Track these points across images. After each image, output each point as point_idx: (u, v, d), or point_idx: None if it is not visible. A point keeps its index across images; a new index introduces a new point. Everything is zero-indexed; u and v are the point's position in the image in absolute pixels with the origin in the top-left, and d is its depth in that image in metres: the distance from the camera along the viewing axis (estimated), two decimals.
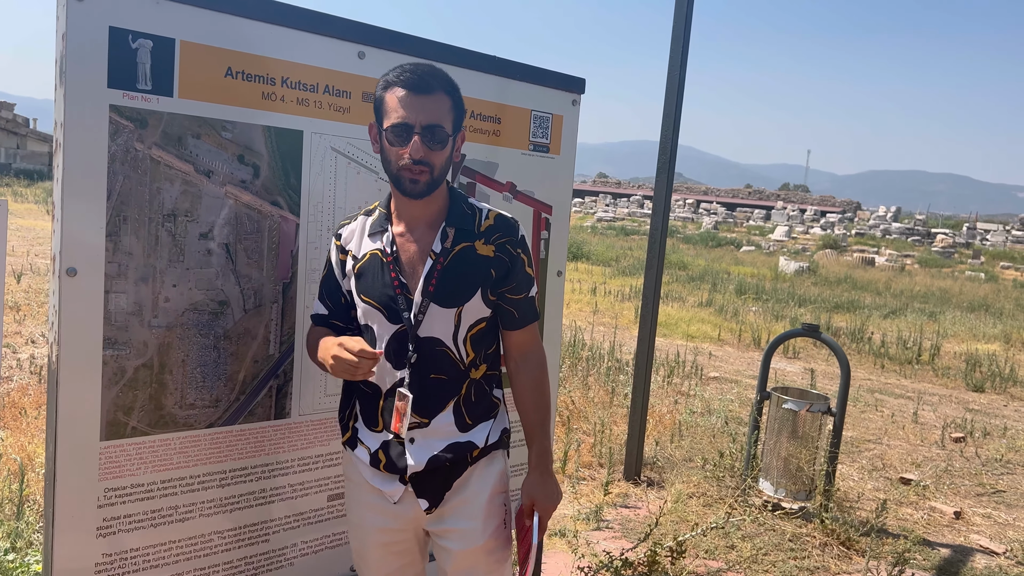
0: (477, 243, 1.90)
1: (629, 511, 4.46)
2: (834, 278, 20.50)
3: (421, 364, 1.89)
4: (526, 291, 1.96)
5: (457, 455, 1.92)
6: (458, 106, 1.85)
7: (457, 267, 1.87)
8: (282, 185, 2.23)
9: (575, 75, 2.92)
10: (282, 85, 2.20)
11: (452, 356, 1.90)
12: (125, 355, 2.01)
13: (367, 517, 1.98)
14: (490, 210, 1.97)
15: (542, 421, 1.97)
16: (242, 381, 2.22)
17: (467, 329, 1.90)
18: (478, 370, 1.95)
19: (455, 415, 1.92)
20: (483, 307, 1.91)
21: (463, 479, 1.94)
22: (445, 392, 1.91)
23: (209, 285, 2.13)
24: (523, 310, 1.97)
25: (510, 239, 1.93)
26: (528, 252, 1.96)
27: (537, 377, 1.99)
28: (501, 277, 1.91)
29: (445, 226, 1.89)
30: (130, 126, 1.95)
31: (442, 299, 1.87)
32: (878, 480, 5.50)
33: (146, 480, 2.08)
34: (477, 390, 1.95)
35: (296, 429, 2.35)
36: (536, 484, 1.96)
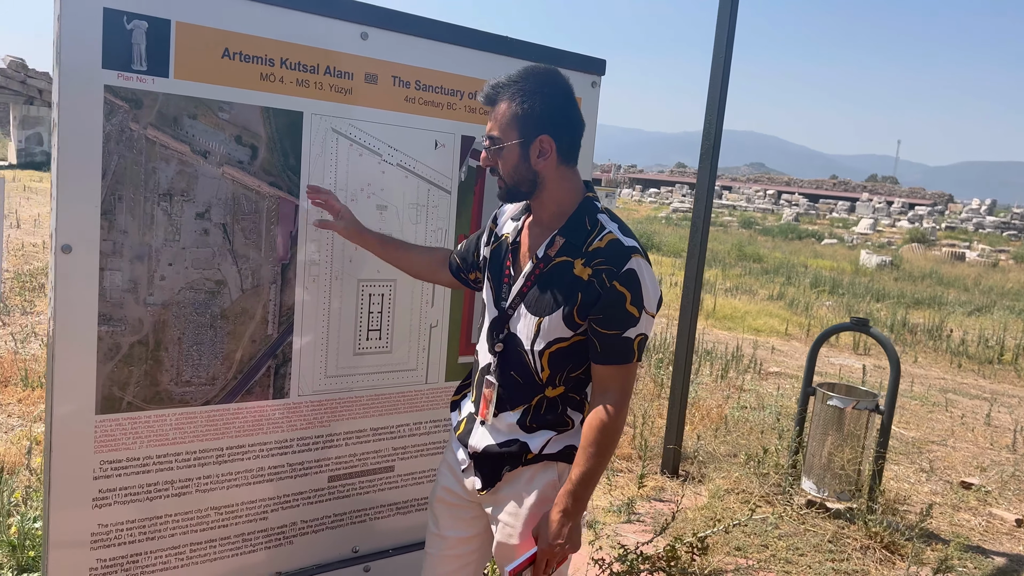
0: (577, 261, 1.81)
1: (663, 505, 4.37)
2: (918, 273, 19.66)
3: (505, 357, 1.92)
4: (618, 329, 1.77)
5: (512, 451, 1.92)
6: (528, 109, 1.80)
7: (550, 278, 1.84)
8: (281, 166, 2.24)
9: (595, 56, 2.84)
10: (281, 66, 2.20)
11: (529, 364, 1.89)
12: (120, 331, 2.05)
13: (443, 475, 2.13)
14: (609, 232, 1.82)
15: (582, 462, 1.81)
16: (239, 360, 2.24)
17: (546, 343, 1.85)
18: (555, 389, 1.90)
19: (521, 418, 1.92)
20: (563, 327, 1.82)
21: (515, 475, 1.93)
22: (518, 395, 1.92)
23: (205, 264, 2.16)
24: (606, 346, 1.79)
25: (611, 269, 1.76)
26: (636, 290, 1.75)
27: (596, 421, 1.80)
28: (588, 304, 1.78)
29: (556, 234, 1.86)
30: (125, 106, 1.99)
31: (530, 304, 1.87)
32: (936, 483, 5.24)
33: (142, 454, 2.13)
34: (549, 406, 1.91)
35: (295, 409, 2.36)
36: (545, 519, 1.86)
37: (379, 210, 2.44)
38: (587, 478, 1.81)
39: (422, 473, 2.66)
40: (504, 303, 1.93)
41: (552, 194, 1.87)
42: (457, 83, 2.53)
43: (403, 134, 2.45)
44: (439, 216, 2.57)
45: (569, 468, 1.87)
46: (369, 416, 2.52)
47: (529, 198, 1.90)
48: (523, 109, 1.80)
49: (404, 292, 2.53)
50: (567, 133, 1.83)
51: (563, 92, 1.83)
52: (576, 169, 1.91)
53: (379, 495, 2.58)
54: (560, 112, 1.82)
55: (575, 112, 1.85)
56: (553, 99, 1.81)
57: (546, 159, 1.82)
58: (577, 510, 1.83)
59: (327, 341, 2.39)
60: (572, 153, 1.87)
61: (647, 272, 1.79)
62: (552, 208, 1.89)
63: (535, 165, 1.82)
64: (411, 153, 2.48)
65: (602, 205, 1.91)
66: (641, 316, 1.78)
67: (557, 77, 1.84)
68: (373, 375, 2.51)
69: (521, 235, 1.96)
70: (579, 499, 1.82)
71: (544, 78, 1.82)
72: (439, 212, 2.57)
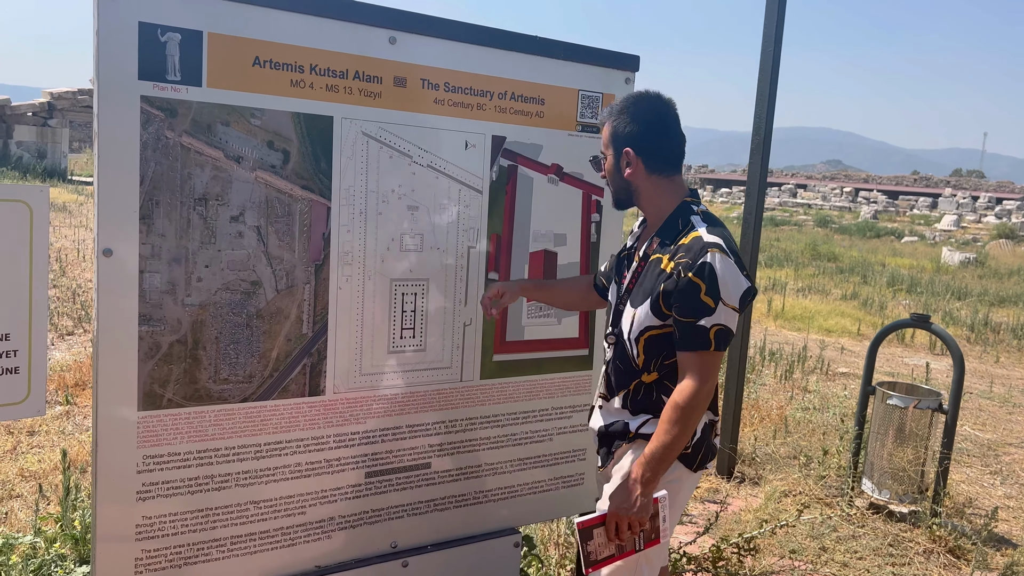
0: (664, 257, 2.05)
1: (717, 507, 4.29)
2: (1005, 270, 18.81)
3: (615, 347, 2.20)
4: (693, 317, 1.95)
5: (618, 431, 2.18)
6: (617, 128, 2.09)
7: (646, 274, 2.11)
8: (313, 170, 2.30)
9: (627, 52, 2.83)
10: (311, 72, 2.27)
11: (628, 352, 2.14)
12: (160, 331, 2.14)
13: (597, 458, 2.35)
14: (695, 231, 2.02)
15: (657, 435, 1.98)
16: (275, 358, 2.31)
17: (638, 332, 2.09)
18: (650, 375, 2.12)
19: (623, 401, 2.18)
20: (651, 316, 2.05)
21: (621, 451, 2.17)
22: (620, 380, 2.18)
23: (241, 266, 2.23)
24: (684, 333, 1.97)
25: (687, 262, 1.96)
26: (712, 281, 1.92)
27: (674, 398, 1.97)
28: (667, 294, 2.00)
29: (654, 235, 2.13)
30: (160, 115, 2.08)
31: (632, 298, 2.14)
32: (1011, 486, 5.02)
33: (183, 449, 2.21)
34: (645, 391, 2.13)
35: (331, 406, 2.42)
36: (616, 486, 2.08)
37: (410, 210, 2.48)
38: (660, 451, 1.96)
39: (459, 470, 2.69)
40: (616, 301, 2.22)
41: (650, 200, 2.14)
42: (486, 84, 2.56)
43: (433, 136, 2.49)
44: (470, 216, 2.59)
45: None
46: (404, 413, 2.56)
47: (631, 205, 2.20)
48: (613, 128, 2.10)
49: (437, 292, 2.57)
50: (651, 147, 2.07)
51: (649, 110, 2.07)
52: (674, 178, 2.13)
53: (416, 491, 2.62)
54: (646, 129, 2.06)
55: (663, 128, 2.08)
56: (637, 117, 2.07)
57: (633, 169, 2.09)
58: (646, 480, 1.97)
59: (361, 339, 2.45)
60: (661, 164, 2.10)
61: (724, 266, 1.93)
62: (653, 213, 2.16)
63: (626, 175, 2.11)
64: (441, 154, 2.51)
65: (700, 208, 2.11)
66: (718, 307, 1.93)
67: (648, 97, 2.09)
68: (407, 373, 2.55)
69: (637, 241, 2.25)
70: (650, 470, 1.97)
71: (635, 99, 2.10)
72: (470, 212, 2.59)
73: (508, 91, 2.60)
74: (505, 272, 2.69)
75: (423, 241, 2.53)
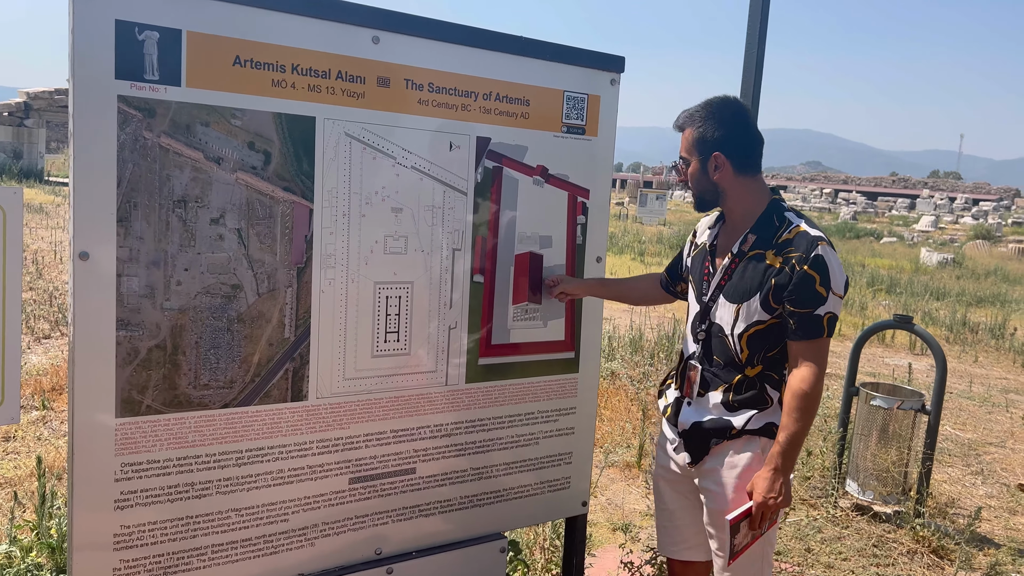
0: (769, 252, 2.14)
1: None
2: (982, 271, 19.03)
3: (707, 343, 2.26)
4: (809, 307, 2.07)
5: (716, 428, 2.23)
6: (704, 133, 2.18)
7: (745, 270, 2.18)
8: (295, 171, 2.27)
9: (613, 53, 2.81)
10: (292, 72, 2.23)
11: (730, 347, 2.21)
12: (138, 336, 2.09)
13: (659, 455, 2.48)
14: (797, 226, 2.14)
15: (787, 425, 2.10)
16: (257, 363, 2.27)
17: (745, 326, 2.17)
18: (754, 368, 2.20)
19: (723, 397, 2.23)
20: (761, 311, 2.15)
21: (720, 448, 2.22)
22: (720, 376, 2.24)
23: (221, 269, 2.19)
24: (800, 323, 2.09)
25: (800, 256, 2.07)
26: (824, 271, 2.05)
27: (795, 387, 2.09)
28: (780, 287, 2.09)
29: (748, 232, 2.20)
30: (138, 115, 2.03)
31: (728, 294, 2.21)
32: (992, 486, 5.05)
33: (162, 457, 2.16)
34: (748, 384, 2.20)
35: (314, 411, 2.38)
36: (758, 476, 2.14)
37: (394, 213, 2.45)
38: (793, 439, 2.09)
39: (444, 475, 2.66)
40: (705, 297, 2.26)
41: (737, 200, 2.22)
42: (471, 84, 2.53)
43: (417, 137, 2.46)
44: (455, 218, 2.57)
45: (770, 442, 2.17)
46: (389, 418, 2.52)
47: (715, 206, 2.28)
48: (699, 133, 2.18)
49: (421, 294, 2.54)
50: (739, 149, 2.17)
51: (735, 114, 2.17)
52: (759, 177, 2.24)
53: (401, 497, 2.58)
54: (732, 132, 2.16)
55: (748, 130, 2.19)
56: (724, 121, 2.15)
57: (722, 172, 2.18)
58: (786, 468, 2.11)
59: (344, 343, 2.41)
60: (749, 165, 2.20)
61: (832, 257, 2.08)
62: (740, 212, 2.23)
63: (714, 177, 2.19)
64: (426, 155, 2.48)
65: (789, 205, 2.24)
66: (829, 296, 2.06)
67: (731, 102, 2.19)
68: (392, 377, 2.51)
69: (718, 239, 2.31)
70: (787, 458, 2.10)
71: (718, 104, 2.18)
72: (455, 214, 2.56)
73: (493, 92, 2.57)
74: (491, 275, 2.66)
75: (407, 243, 2.49)
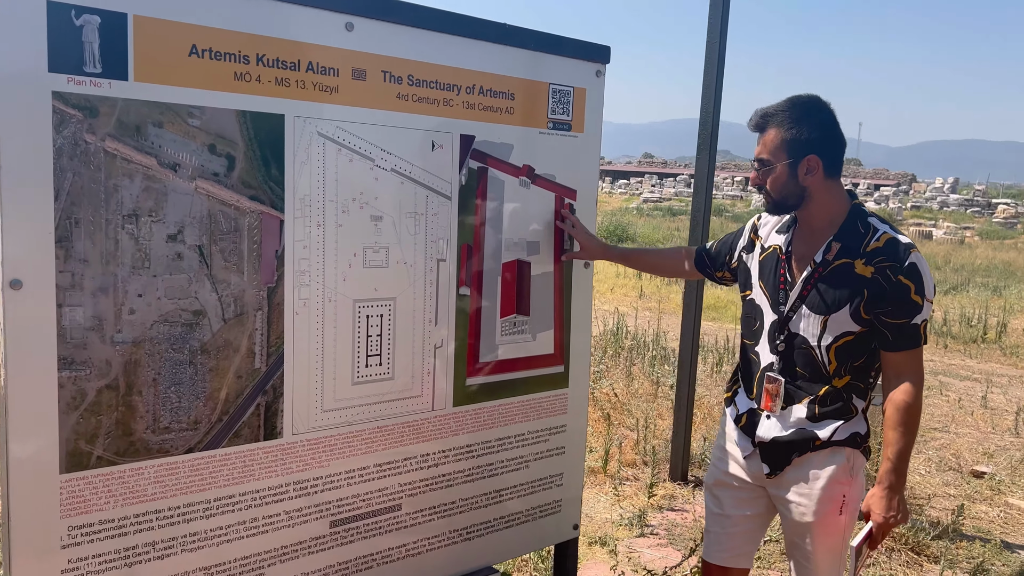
0: (857, 262, 2.03)
1: (676, 515, 4.15)
2: None
3: (788, 355, 2.15)
4: (906, 317, 2.00)
5: (800, 440, 2.13)
6: (795, 135, 2.03)
7: (832, 280, 2.06)
8: (262, 177, 1.97)
9: (598, 42, 2.60)
10: (257, 63, 1.93)
11: (815, 358, 2.11)
12: (85, 376, 1.77)
13: (723, 460, 2.36)
14: (884, 233, 2.04)
15: (895, 441, 2.03)
16: (224, 399, 1.97)
17: (833, 338, 2.07)
18: (841, 380, 2.10)
19: (808, 410, 2.12)
20: (851, 322, 2.05)
21: (803, 459, 2.14)
22: (804, 388, 2.13)
23: (181, 293, 1.88)
24: (896, 334, 2.01)
25: (893, 265, 1.99)
26: (918, 280, 1.98)
27: (900, 401, 2.01)
28: (874, 298, 2.00)
29: (832, 240, 2.08)
30: (78, 115, 1.71)
31: (813, 305, 2.09)
32: (947, 473, 5.09)
33: (117, 515, 1.85)
34: (835, 396, 2.11)
35: (290, 450, 2.10)
36: (873, 496, 2.07)
37: (373, 221, 2.18)
38: (903, 454, 2.03)
39: (431, 510, 2.41)
40: (783, 307, 2.14)
41: (821, 205, 2.10)
42: (453, 76, 2.28)
43: (396, 135, 2.19)
44: (439, 225, 2.31)
45: (855, 452, 2.12)
46: (372, 451, 2.26)
47: (795, 210, 2.14)
48: (792, 134, 2.03)
49: (405, 311, 2.27)
50: (832, 152, 2.06)
51: (828, 116, 2.06)
52: (840, 181, 2.11)
53: (386, 537, 2.32)
54: (826, 133, 2.04)
55: (838, 132, 2.08)
56: (819, 123, 2.04)
57: (813, 175, 2.05)
58: (900, 484, 2.05)
59: (322, 371, 2.13)
60: (836, 169, 2.08)
61: (924, 264, 2.01)
62: (823, 217, 2.11)
63: (803, 181, 2.06)
64: (406, 156, 2.22)
65: (870, 210, 2.13)
66: (924, 304, 1.99)
67: (820, 103, 2.07)
68: (375, 406, 2.25)
69: (792, 245, 2.17)
70: (900, 474, 2.04)
71: (809, 105, 2.06)
72: (439, 220, 2.31)
73: (476, 85, 2.33)
74: (477, 287, 2.42)
75: (388, 255, 2.23)
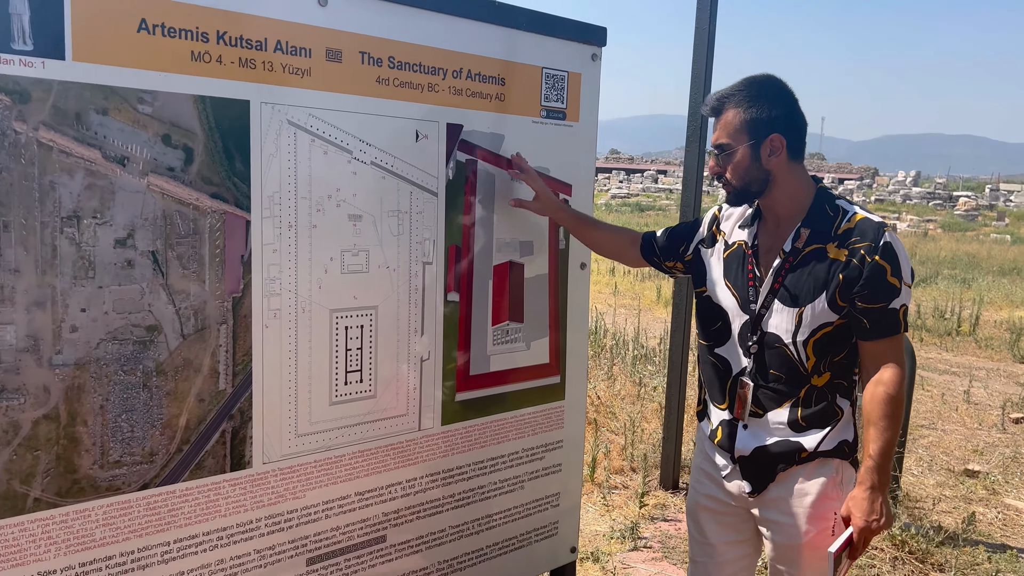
0: (830, 245, 1.90)
1: (669, 525, 3.96)
2: None
3: (761, 357, 1.97)
4: (883, 301, 1.85)
5: (785, 451, 1.95)
6: (756, 114, 1.88)
7: (804, 268, 1.91)
8: (225, 172, 1.73)
9: (593, 24, 2.39)
10: (218, 42, 1.69)
11: (791, 356, 1.94)
12: (18, 405, 1.52)
13: (701, 483, 2.15)
14: (856, 213, 1.90)
15: (876, 436, 1.86)
16: (184, 427, 1.73)
17: (809, 332, 1.91)
18: (821, 377, 1.94)
19: (789, 415, 1.95)
20: (828, 311, 1.90)
21: (788, 475, 1.96)
22: (782, 391, 1.96)
23: (132, 306, 1.63)
24: (875, 320, 1.86)
25: (869, 245, 1.85)
26: (894, 260, 1.84)
27: (880, 393, 1.85)
28: (849, 282, 1.86)
29: (800, 226, 1.94)
30: (6, 100, 1.45)
31: (785, 298, 1.93)
32: (940, 473, 4.97)
33: (60, 565, 1.60)
34: (818, 396, 1.95)
35: (261, 481, 1.86)
36: (854, 498, 1.90)
37: (352, 221, 1.94)
38: (885, 451, 1.86)
39: (419, 540, 2.18)
40: (754, 305, 1.98)
41: (785, 190, 1.94)
42: (438, 58, 2.04)
43: (377, 124, 1.96)
44: (424, 224, 2.08)
45: (844, 463, 1.95)
46: (353, 479, 2.02)
47: (759, 197, 1.97)
48: (752, 113, 1.89)
49: (388, 321, 2.04)
50: (794, 131, 1.91)
51: (787, 94, 1.92)
52: (803, 165, 1.96)
53: (370, 573, 2.09)
54: (788, 111, 1.90)
55: (799, 111, 1.94)
56: (779, 100, 1.90)
57: (777, 156, 1.90)
58: (883, 484, 1.88)
59: (296, 391, 1.89)
60: (799, 150, 1.94)
61: (900, 245, 1.86)
62: (787, 203, 1.96)
63: (767, 164, 1.91)
64: (388, 148, 1.98)
65: (836, 192, 1.98)
66: (902, 287, 1.85)
67: (779, 81, 1.93)
68: (355, 428, 2.01)
69: (758, 239, 2.02)
70: (883, 472, 1.87)
71: (767, 83, 1.92)
72: (424, 219, 2.08)
73: (464, 68, 2.10)
74: (467, 292, 2.19)
75: (369, 259, 1.99)
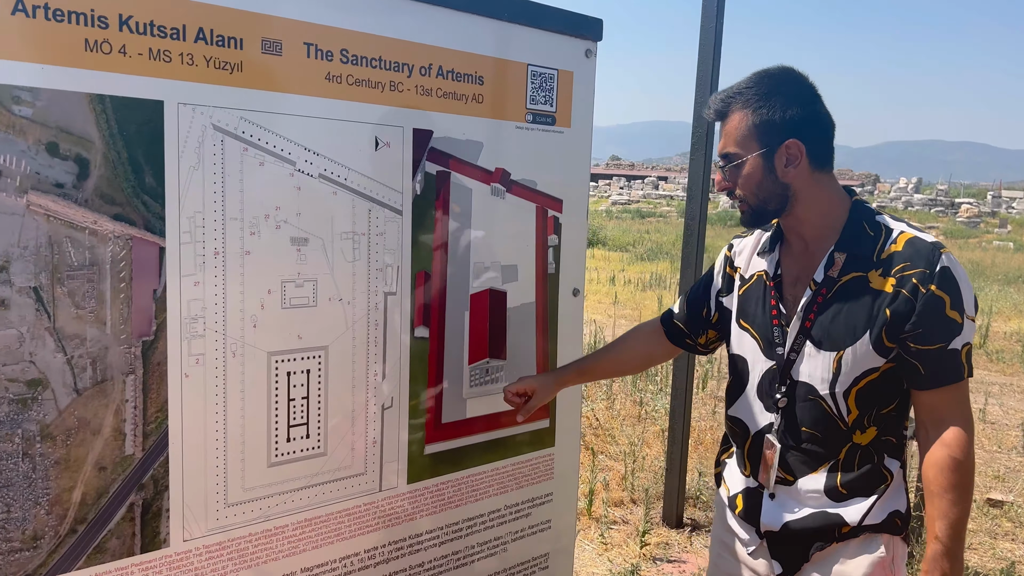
0: (872, 273, 1.57)
1: (673, 567, 3.63)
2: None
3: (791, 411, 1.65)
4: (942, 341, 1.52)
5: (821, 526, 1.63)
6: (767, 115, 1.56)
7: (842, 302, 1.59)
8: (131, 189, 1.41)
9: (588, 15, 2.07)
10: (121, 28, 1.37)
11: (828, 410, 1.62)
12: None
13: (723, 558, 1.83)
14: (903, 232, 1.58)
15: (945, 512, 1.51)
16: (79, 503, 1.40)
17: (851, 380, 1.59)
18: (864, 433, 1.61)
19: (826, 481, 1.63)
20: (873, 355, 1.57)
21: (827, 554, 1.65)
22: (817, 452, 1.64)
23: (7, 356, 1.31)
24: (932, 365, 1.53)
25: (922, 272, 1.52)
26: (954, 290, 1.51)
27: (945, 458, 1.51)
28: (899, 319, 1.53)
29: (834, 250, 1.61)
30: None
31: (819, 339, 1.61)
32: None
33: None
34: (862, 457, 1.62)
35: (181, 564, 1.53)
36: None
37: (295, 245, 1.62)
38: (956, 530, 1.51)
39: None
40: (781, 349, 1.65)
41: (811, 207, 1.62)
42: (403, 52, 1.72)
43: (326, 130, 1.63)
44: (386, 248, 1.76)
45: (894, 540, 1.62)
46: (298, 552, 1.69)
47: (778, 216, 1.65)
48: (762, 115, 1.58)
49: (341, 364, 1.72)
50: (816, 133, 1.59)
51: (807, 89, 1.60)
52: (832, 175, 1.63)
53: None
54: (807, 110, 1.58)
55: (822, 109, 1.60)
56: (796, 98, 1.58)
57: (796, 166, 1.58)
58: (956, 570, 1.53)
59: (225, 452, 1.57)
60: (826, 156, 1.61)
61: (960, 270, 1.54)
62: (815, 222, 1.63)
63: (784, 176, 1.59)
64: (340, 158, 1.66)
65: (875, 207, 1.65)
66: (964, 321, 1.53)
67: (796, 74, 1.61)
68: (300, 492, 1.69)
69: (781, 267, 1.70)
70: (956, 558, 1.52)
71: (780, 77, 1.60)
72: (386, 242, 1.75)
73: (434, 64, 1.78)
74: (438, 327, 1.87)
75: (317, 290, 1.67)
